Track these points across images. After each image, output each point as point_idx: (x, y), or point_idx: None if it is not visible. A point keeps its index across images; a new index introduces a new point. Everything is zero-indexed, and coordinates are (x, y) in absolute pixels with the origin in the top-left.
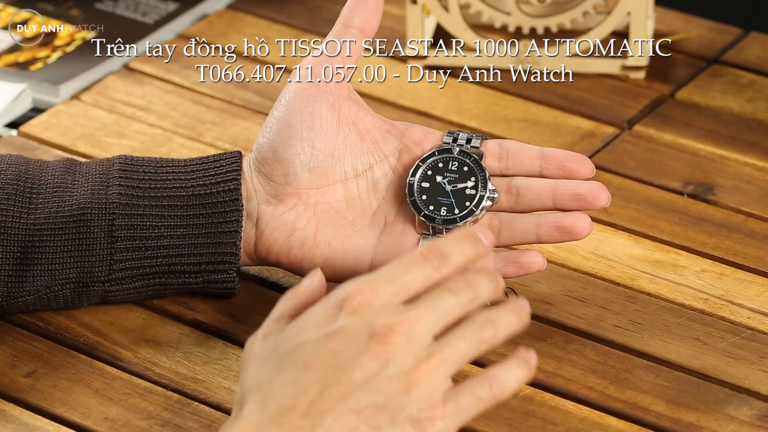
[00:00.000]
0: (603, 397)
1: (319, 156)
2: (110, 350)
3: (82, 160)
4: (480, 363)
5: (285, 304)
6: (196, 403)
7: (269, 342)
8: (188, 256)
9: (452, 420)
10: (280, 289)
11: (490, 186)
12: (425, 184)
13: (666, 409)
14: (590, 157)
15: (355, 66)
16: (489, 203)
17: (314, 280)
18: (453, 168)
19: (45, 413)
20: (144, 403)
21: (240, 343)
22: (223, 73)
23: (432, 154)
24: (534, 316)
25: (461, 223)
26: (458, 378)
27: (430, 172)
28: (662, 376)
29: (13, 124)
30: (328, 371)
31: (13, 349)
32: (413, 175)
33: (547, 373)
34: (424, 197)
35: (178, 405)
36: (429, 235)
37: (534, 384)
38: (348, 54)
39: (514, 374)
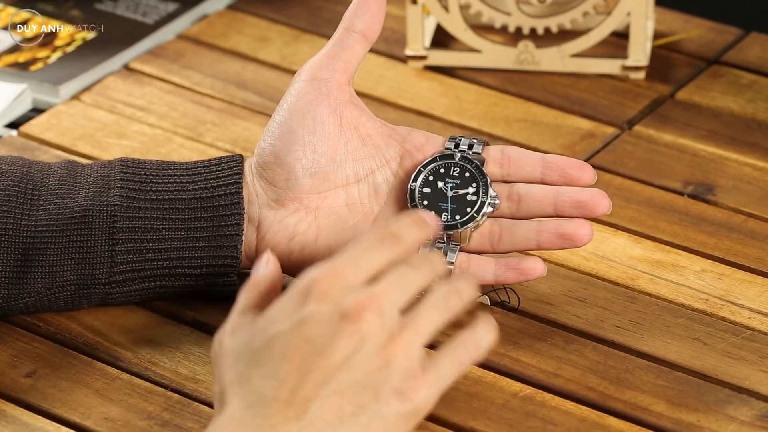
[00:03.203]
0: (603, 397)
1: (321, 161)
2: (110, 350)
3: (83, 160)
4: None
5: (246, 295)
6: (197, 404)
7: (239, 336)
8: (189, 260)
9: (434, 386)
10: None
11: (491, 192)
12: (426, 190)
13: (666, 410)
14: (590, 158)
15: (356, 69)
16: (490, 209)
17: (269, 265)
18: (454, 174)
19: (45, 413)
20: (144, 403)
21: None
22: (223, 74)
23: (434, 160)
24: (534, 316)
25: (462, 228)
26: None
27: (431, 178)
28: (662, 377)
29: (13, 125)
30: (305, 358)
31: (13, 350)
32: (414, 180)
33: (547, 373)
34: (425, 203)
35: (179, 405)
36: (429, 241)
37: (534, 384)
38: (350, 58)
39: (485, 336)
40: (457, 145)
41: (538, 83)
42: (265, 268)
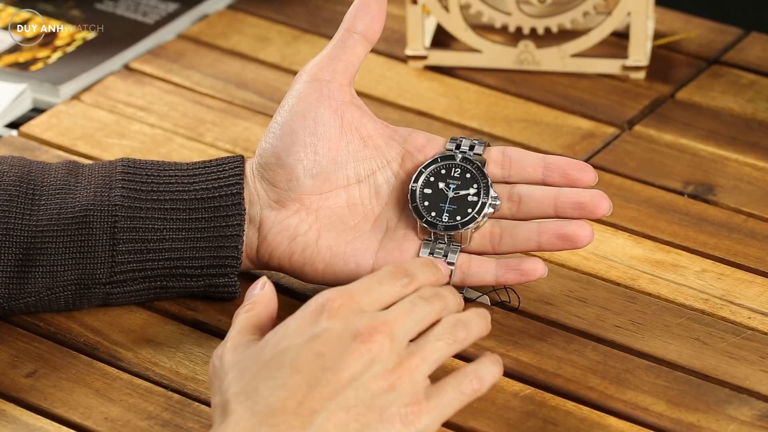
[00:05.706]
0: (603, 397)
1: (322, 162)
2: (111, 350)
3: (83, 160)
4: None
5: (244, 316)
6: (197, 404)
7: (245, 353)
8: (190, 260)
9: (437, 414)
10: (280, 289)
11: (492, 193)
12: (427, 191)
13: (666, 410)
14: (590, 158)
15: (357, 70)
16: (491, 210)
17: (265, 288)
18: (455, 175)
19: (45, 413)
20: (144, 403)
21: None
22: (223, 74)
23: (435, 161)
24: (534, 316)
25: (463, 229)
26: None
27: (432, 179)
28: (663, 377)
29: (14, 125)
30: (315, 372)
31: (13, 349)
32: (415, 181)
33: (547, 373)
34: (426, 203)
35: (179, 405)
36: (431, 241)
37: (534, 384)
38: (351, 59)
39: (489, 370)
40: (458, 146)
41: (538, 83)
42: (262, 291)
